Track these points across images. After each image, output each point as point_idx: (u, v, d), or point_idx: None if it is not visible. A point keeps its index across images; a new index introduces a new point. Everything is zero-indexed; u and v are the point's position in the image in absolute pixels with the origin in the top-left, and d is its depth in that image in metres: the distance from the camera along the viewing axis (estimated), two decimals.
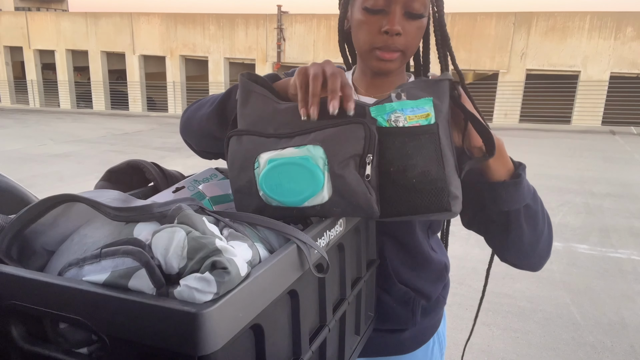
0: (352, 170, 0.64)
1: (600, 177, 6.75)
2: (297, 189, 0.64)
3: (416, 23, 0.82)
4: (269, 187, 0.65)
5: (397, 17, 0.80)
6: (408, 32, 0.82)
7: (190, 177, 0.93)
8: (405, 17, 0.81)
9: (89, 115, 15.60)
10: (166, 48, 16.60)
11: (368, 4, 0.81)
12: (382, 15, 0.81)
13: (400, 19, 0.80)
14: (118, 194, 0.61)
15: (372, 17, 0.82)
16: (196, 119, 0.90)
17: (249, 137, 0.69)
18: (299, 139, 0.66)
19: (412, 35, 0.83)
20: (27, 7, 26.68)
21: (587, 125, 12.77)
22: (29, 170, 6.90)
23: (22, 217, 0.57)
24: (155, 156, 8.05)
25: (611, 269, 3.61)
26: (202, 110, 0.89)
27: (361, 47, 0.86)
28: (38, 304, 0.46)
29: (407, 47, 0.83)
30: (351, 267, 0.76)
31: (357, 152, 0.64)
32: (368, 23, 0.82)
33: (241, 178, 0.68)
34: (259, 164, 0.66)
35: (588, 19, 12.64)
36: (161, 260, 0.45)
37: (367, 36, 0.83)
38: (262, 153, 0.67)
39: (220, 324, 0.41)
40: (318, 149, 0.64)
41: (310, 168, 0.63)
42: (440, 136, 0.68)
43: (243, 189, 0.68)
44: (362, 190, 0.64)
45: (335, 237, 0.67)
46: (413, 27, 0.82)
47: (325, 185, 0.64)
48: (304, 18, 14.97)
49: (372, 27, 0.82)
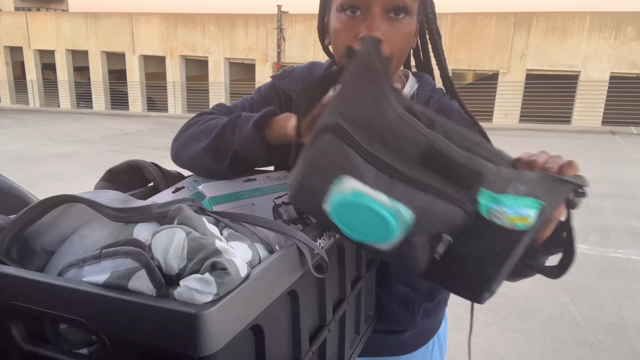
0: (425, 244, 0.57)
1: (600, 177, 6.75)
2: (364, 231, 0.57)
3: (401, 22, 0.71)
4: (338, 213, 0.57)
5: (377, 19, 0.69)
6: (390, 37, 0.71)
7: (190, 178, 0.93)
8: (387, 17, 0.70)
9: (88, 115, 15.60)
10: (166, 48, 16.60)
11: (345, 4, 0.71)
12: (360, 17, 0.71)
13: (380, 21, 0.70)
14: (118, 195, 0.61)
15: (348, 20, 0.71)
16: (188, 154, 0.82)
17: (347, 147, 0.55)
18: (399, 188, 0.54)
19: (395, 40, 0.72)
20: (27, 7, 26.67)
21: (587, 125, 12.77)
22: (29, 170, 6.90)
23: (22, 218, 0.57)
24: (155, 156, 8.04)
25: (611, 269, 3.61)
26: (195, 145, 0.80)
27: (341, 54, 0.75)
28: (38, 305, 0.46)
29: (391, 54, 0.73)
30: (351, 267, 0.75)
31: (442, 231, 0.57)
32: (344, 28, 0.72)
33: (313, 180, 0.57)
34: (342, 185, 0.55)
35: (588, 19, 12.64)
36: (161, 261, 0.45)
37: (345, 42, 0.72)
38: (351, 177, 0.54)
39: (220, 325, 0.41)
40: (409, 214, 0.55)
41: (390, 227, 0.55)
42: (522, 242, 0.57)
43: (309, 188, 0.58)
44: (423, 260, 0.59)
45: (335, 238, 0.66)
46: (398, 27, 0.71)
47: (392, 243, 0.57)
48: (304, 18, 14.96)
49: (348, 33, 0.71)
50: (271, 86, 0.94)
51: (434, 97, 0.86)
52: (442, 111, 0.87)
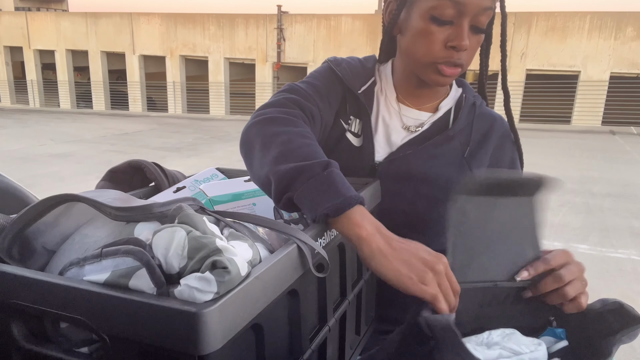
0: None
1: (600, 177, 6.75)
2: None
3: (478, 37, 0.77)
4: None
5: (465, 30, 0.74)
6: (472, 47, 0.77)
7: (191, 177, 0.93)
8: (471, 30, 0.75)
9: (89, 115, 15.60)
10: (166, 48, 16.61)
11: (436, 12, 0.73)
12: (449, 26, 0.74)
13: (467, 31, 0.74)
14: (119, 194, 0.61)
15: (438, 27, 0.74)
16: (254, 165, 0.69)
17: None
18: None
19: (474, 50, 0.78)
20: (27, 7, 26.67)
21: (587, 125, 12.77)
22: (29, 170, 6.90)
23: (23, 217, 0.57)
24: (155, 156, 8.05)
25: (611, 269, 3.61)
26: (262, 152, 0.67)
27: (419, 58, 0.79)
28: (39, 304, 0.46)
29: (468, 62, 0.79)
30: (352, 267, 0.76)
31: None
32: (432, 33, 0.75)
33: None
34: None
35: (588, 19, 12.64)
36: (162, 259, 0.46)
37: (429, 48, 0.76)
38: None
39: (220, 324, 0.41)
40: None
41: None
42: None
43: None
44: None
45: (335, 237, 0.67)
46: (475, 41, 0.77)
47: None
48: (304, 18, 14.96)
49: (437, 38, 0.75)
50: (330, 70, 0.89)
51: (477, 102, 0.90)
52: (485, 116, 0.91)
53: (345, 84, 0.88)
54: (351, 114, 0.89)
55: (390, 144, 0.89)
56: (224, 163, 0.73)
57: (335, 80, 0.88)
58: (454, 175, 0.85)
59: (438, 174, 0.85)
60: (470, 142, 0.87)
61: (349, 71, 0.88)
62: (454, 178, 0.85)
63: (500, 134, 0.91)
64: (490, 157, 0.90)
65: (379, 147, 0.88)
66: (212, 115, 16.02)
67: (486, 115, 0.91)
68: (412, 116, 0.89)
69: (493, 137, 0.90)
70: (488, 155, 0.89)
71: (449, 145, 0.86)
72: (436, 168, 0.85)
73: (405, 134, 0.88)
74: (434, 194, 0.85)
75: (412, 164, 0.86)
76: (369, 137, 0.87)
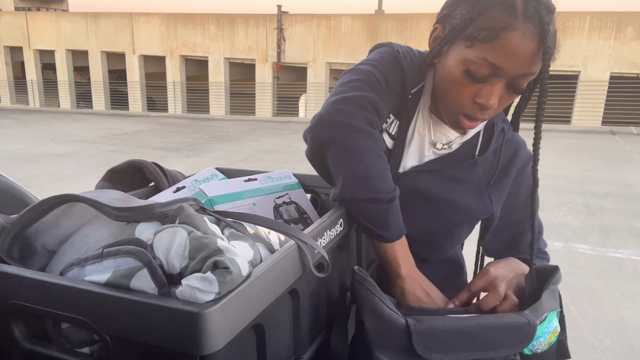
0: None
1: (600, 177, 6.75)
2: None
3: (513, 95, 0.76)
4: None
5: (497, 91, 0.72)
6: (502, 103, 0.75)
7: (191, 177, 0.93)
8: (507, 89, 0.74)
9: (89, 115, 15.59)
10: (166, 48, 16.60)
11: (472, 67, 0.71)
12: (481, 82, 0.72)
13: (499, 92, 0.73)
14: (119, 194, 0.61)
15: (470, 82, 0.73)
16: (329, 165, 0.75)
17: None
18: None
19: (503, 105, 0.77)
20: (27, 7, 26.66)
21: (587, 125, 12.77)
22: (29, 170, 6.90)
23: (23, 217, 0.57)
24: (155, 156, 8.05)
25: (611, 269, 3.61)
26: (347, 160, 0.73)
27: (447, 102, 0.78)
28: (40, 304, 0.46)
29: (492, 115, 0.78)
30: (352, 267, 0.75)
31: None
32: (463, 86, 0.73)
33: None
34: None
35: (588, 19, 12.64)
36: (163, 260, 0.46)
37: (457, 98, 0.75)
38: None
39: (222, 324, 0.41)
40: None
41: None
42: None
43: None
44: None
45: (335, 237, 0.67)
46: (508, 99, 0.76)
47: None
48: (304, 18, 14.96)
49: (466, 91, 0.74)
50: (396, 62, 0.83)
51: (505, 127, 0.89)
52: (511, 143, 0.90)
53: (404, 81, 0.83)
54: (392, 113, 0.85)
55: (418, 156, 0.87)
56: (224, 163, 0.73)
57: (399, 73, 0.83)
58: (474, 203, 0.85)
59: (459, 198, 0.85)
60: (496, 170, 0.87)
61: (411, 68, 0.83)
62: (473, 206, 0.85)
63: (523, 160, 0.90)
64: (511, 185, 0.89)
65: (407, 156, 0.86)
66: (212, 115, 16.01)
67: (512, 142, 0.90)
68: (441, 132, 0.85)
69: (516, 163, 0.89)
70: (509, 183, 0.89)
71: (474, 172, 0.86)
72: (458, 193, 0.85)
73: (432, 150, 0.86)
74: (450, 216, 0.85)
75: (434, 183, 0.85)
76: (401, 143, 0.85)
